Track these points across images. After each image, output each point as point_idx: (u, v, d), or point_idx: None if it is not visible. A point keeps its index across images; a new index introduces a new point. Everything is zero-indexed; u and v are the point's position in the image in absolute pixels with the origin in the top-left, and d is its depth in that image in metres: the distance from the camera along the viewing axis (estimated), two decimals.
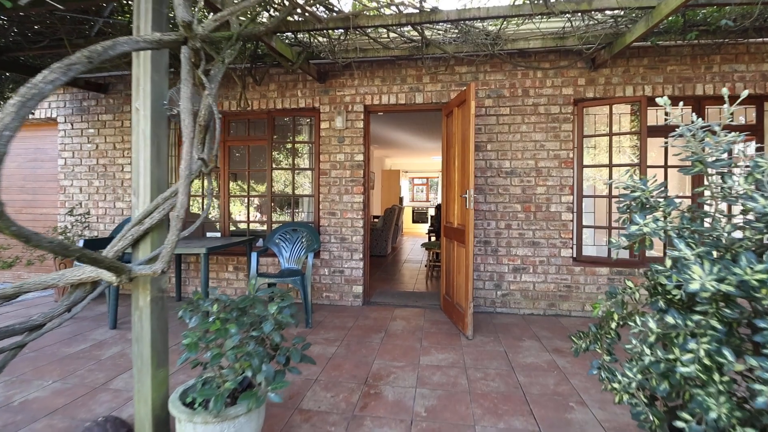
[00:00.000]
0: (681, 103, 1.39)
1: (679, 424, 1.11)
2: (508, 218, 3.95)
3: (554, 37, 3.47)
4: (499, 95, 3.97)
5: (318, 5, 2.98)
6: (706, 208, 1.40)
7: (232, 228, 5.08)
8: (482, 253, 3.99)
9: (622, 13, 3.19)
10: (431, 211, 13.99)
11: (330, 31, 3.44)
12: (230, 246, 3.72)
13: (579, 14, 3.23)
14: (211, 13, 2.75)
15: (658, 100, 1.40)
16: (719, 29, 3.23)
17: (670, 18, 3.11)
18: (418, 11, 2.93)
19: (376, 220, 10.42)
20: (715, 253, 1.26)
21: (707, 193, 1.34)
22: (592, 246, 4.02)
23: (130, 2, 3.04)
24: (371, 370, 2.65)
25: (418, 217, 14.53)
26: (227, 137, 4.56)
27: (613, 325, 1.62)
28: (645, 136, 3.64)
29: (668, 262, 1.33)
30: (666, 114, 1.38)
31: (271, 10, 3.08)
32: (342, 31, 3.41)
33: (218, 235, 4.61)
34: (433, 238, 7.93)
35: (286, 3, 2.78)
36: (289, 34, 3.44)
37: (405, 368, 2.67)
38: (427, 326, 3.55)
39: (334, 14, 2.98)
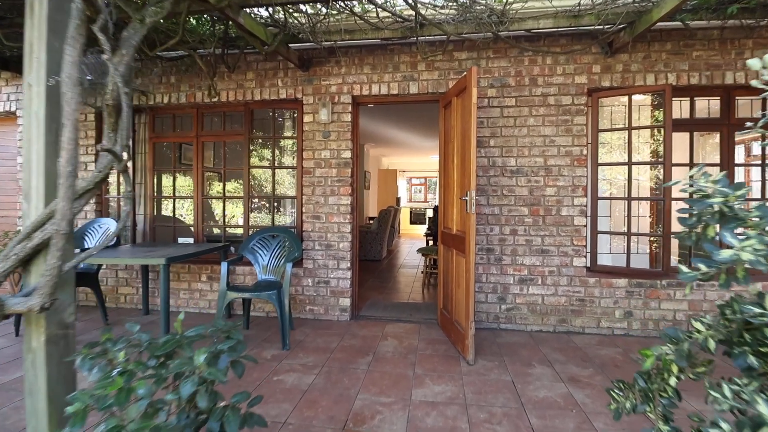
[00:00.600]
0: None
1: None
2: (514, 223, 3.51)
3: (568, 16, 3.02)
4: (504, 84, 3.52)
5: None
6: None
7: (216, 231, 4.63)
8: (484, 262, 3.55)
9: None
10: (429, 213, 13.55)
11: (308, 6, 3.00)
12: (199, 254, 3.27)
13: None
14: None
15: (749, 62, 0.96)
16: (760, 5, 2.79)
17: None
18: None
19: (371, 221, 9.99)
20: None
21: None
22: (608, 254, 3.58)
23: None
24: (353, 408, 2.21)
25: (416, 218, 14.08)
26: (200, 132, 4.10)
27: (672, 381, 1.17)
28: (670, 130, 3.20)
29: None
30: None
31: None
32: (323, 7, 2.96)
33: (191, 240, 4.16)
34: (431, 242, 7.49)
35: None
36: (261, 11, 2.99)
37: (393, 406, 2.23)
38: (422, 347, 3.10)
39: None
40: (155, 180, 4.40)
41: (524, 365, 2.77)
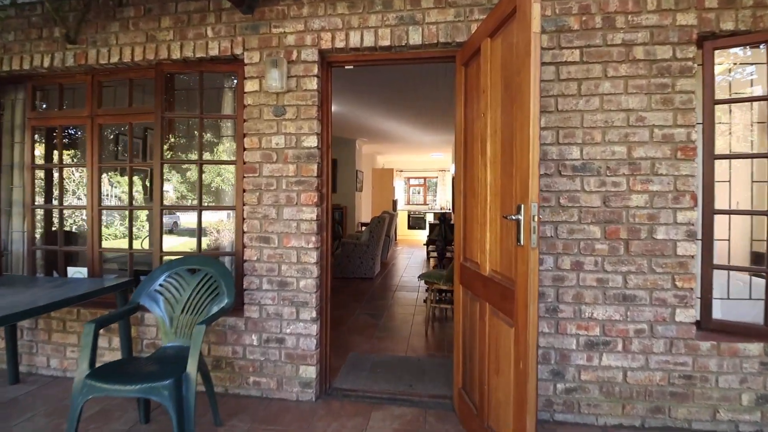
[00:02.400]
0: None
1: None
2: (578, 251, 2.19)
3: None
4: (561, 27, 2.20)
5: None
6: None
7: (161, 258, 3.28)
8: None
9: None
10: (429, 217, 12.19)
11: None
12: (53, 308, 1.94)
13: None
14: None
15: None
16: None
17: None
18: None
19: (363, 228, 8.67)
20: None
21: None
22: (726, 300, 2.26)
23: None
24: None
25: (415, 222, 12.76)
26: (96, 110, 2.75)
27: None
28: None
29: None
30: None
31: None
32: None
33: (85, 272, 2.80)
34: (432, 254, 6.18)
35: None
36: None
37: None
38: None
39: None
40: (45, 182, 3.06)
41: None
